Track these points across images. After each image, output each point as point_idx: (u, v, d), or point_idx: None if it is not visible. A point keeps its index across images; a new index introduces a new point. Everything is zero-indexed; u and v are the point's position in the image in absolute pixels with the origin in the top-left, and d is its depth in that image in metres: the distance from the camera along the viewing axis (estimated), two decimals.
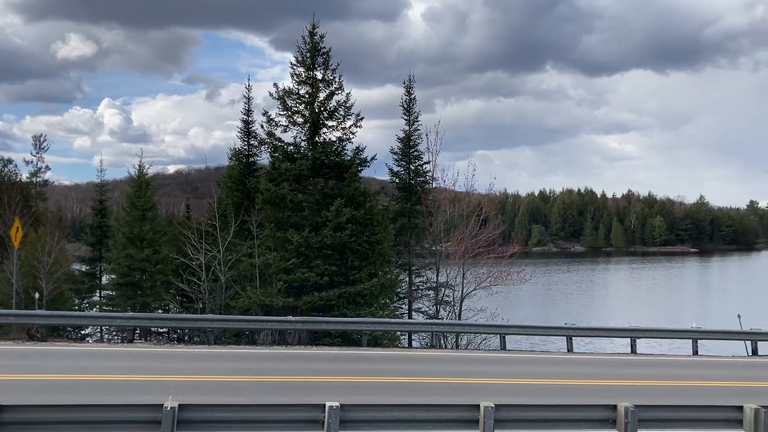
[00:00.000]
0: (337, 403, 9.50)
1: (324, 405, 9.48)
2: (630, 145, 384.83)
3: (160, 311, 30.51)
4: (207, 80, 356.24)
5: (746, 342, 21.90)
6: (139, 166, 33.09)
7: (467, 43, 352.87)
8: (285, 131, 25.63)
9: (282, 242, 23.96)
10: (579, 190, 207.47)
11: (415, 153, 31.37)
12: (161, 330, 29.76)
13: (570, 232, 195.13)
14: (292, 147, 25.47)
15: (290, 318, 20.09)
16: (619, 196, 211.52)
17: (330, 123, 25.47)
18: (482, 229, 30.49)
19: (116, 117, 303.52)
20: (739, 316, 24.28)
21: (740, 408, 10.46)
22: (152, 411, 8.85)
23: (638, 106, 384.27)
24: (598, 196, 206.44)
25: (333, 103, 25.41)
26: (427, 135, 30.94)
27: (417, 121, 31.44)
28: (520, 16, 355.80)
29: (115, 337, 29.57)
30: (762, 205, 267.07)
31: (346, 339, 22.20)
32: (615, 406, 10.31)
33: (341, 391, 12.66)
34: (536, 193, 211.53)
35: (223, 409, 9.49)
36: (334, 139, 25.49)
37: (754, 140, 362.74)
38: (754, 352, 21.45)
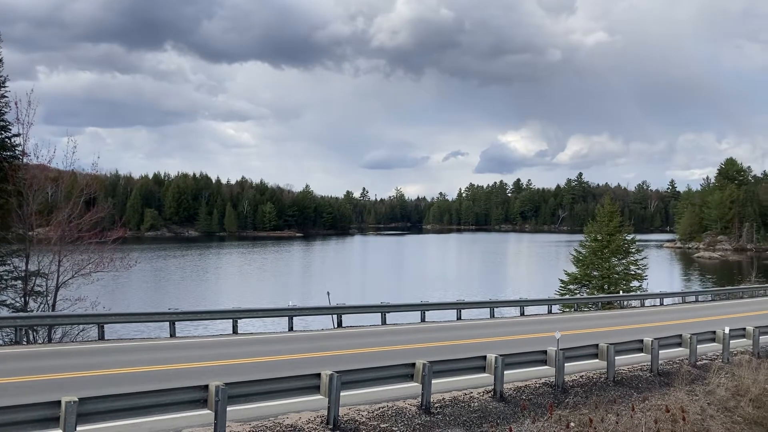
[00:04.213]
0: None
1: None
2: (246, 134, 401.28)
3: None
4: None
5: (333, 315, 24.60)
6: None
7: (79, 9, 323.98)
8: None
9: None
10: (195, 174, 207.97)
11: (2, 123, 27.32)
12: None
13: (185, 217, 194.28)
14: None
15: None
16: (233, 182, 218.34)
17: None
18: (87, 211, 28.15)
19: None
20: (328, 293, 27.13)
21: (318, 375, 11.64)
22: None
23: (255, 97, 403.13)
24: (214, 181, 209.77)
25: None
26: (17, 103, 27.23)
27: (5, 87, 27.42)
28: None
29: None
30: (356, 195, 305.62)
31: None
32: (207, 386, 10.51)
33: None
34: (151, 175, 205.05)
35: None
36: None
37: (352, 138, 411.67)
38: (339, 324, 24.19)
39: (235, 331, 21.79)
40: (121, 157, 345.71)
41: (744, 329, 21.35)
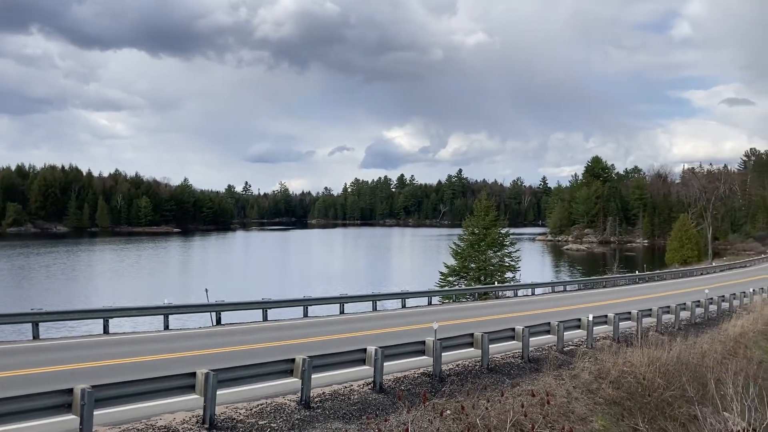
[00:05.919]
0: None
1: None
2: (120, 124, 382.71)
3: None
4: None
5: (211, 313, 23.94)
6: None
7: None
8: None
9: None
10: (63, 166, 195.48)
11: None
12: None
13: (52, 212, 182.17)
14: None
15: None
16: (106, 175, 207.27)
17: None
18: None
19: None
20: (206, 290, 26.42)
21: (193, 374, 11.29)
22: None
23: (130, 86, 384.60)
24: (84, 174, 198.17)
25: None
26: None
27: None
28: None
29: None
30: (238, 189, 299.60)
31: None
32: (72, 390, 9.94)
33: None
34: (13, 167, 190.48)
35: None
36: None
37: (235, 131, 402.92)
38: (218, 322, 23.59)
39: (106, 331, 20.72)
40: None
41: (606, 316, 22.89)
